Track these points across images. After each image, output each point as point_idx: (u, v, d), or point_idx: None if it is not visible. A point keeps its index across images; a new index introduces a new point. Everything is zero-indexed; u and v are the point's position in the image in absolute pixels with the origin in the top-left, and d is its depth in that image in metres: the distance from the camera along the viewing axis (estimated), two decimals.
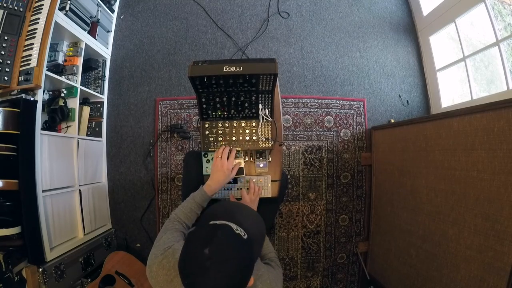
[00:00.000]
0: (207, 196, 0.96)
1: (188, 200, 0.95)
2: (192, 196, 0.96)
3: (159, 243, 0.75)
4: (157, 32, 2.00)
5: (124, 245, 1.86)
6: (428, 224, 1.29)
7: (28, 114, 1.24)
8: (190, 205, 0.93)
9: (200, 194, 0.95)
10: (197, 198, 0.94)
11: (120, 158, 1.91)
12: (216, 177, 0.97)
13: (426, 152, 1.33)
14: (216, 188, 0.97)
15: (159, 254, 0.70)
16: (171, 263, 0.68)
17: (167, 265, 0.68)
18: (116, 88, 1.95)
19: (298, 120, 1.94)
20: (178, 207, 0.94)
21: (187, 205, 0.93)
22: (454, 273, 1.14)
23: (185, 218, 0.90)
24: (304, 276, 1.91)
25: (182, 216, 0.90)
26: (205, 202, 0.96)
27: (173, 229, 0.83)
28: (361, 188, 1.95)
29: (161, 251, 0.71)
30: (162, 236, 0.78)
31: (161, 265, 0.68)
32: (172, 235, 0.78)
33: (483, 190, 1.02)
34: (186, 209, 0.92)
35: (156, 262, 0.69)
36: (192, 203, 0.93)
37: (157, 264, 0.68)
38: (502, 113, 0.95)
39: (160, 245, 0.73)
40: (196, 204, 0.93)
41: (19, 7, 1.28)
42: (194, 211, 0.93)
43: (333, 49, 2.05)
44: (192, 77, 0.88)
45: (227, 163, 0.98)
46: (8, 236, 1.16)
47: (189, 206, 0.93)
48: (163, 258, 0.69)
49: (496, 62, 1.64)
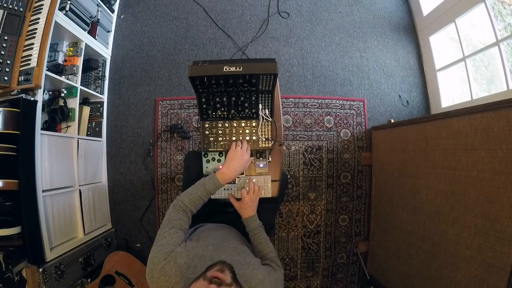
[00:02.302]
0: (219, 184, 0.91)
1: (197, 187, 0.91)
2: (202, 183, 0.91)
3: (161, 243, 0.73)
4: (157, 32, 2.00)
5: (124, 245, 1.86)
6: (428, 224, 1.29)
7: (28, 114, 1.24)
8: (200, 193, 0.89)
9: (213, 182, 0.91)
10: (208, 186, 0.90)
11: (120, 158, 1.91)
12: (233, 165, 0.94)
13: (426, 152, 1.33)
14: (230, 177, 0.93)
15: (162, 259, 0.69)
16: (172, 270, 0.67)
17: (168, 271, 0.67)
18: (116, 88, 1.95)
19: (298, 120, 1.94)
20: (185, 193, 0.90)
21: (196, 193, 0.89)
22: (454, 273, 1.14)
23: (191, 205, 0.87)
24: (304, 276, 1.91)
25: (189, 203, 0.87)
26: (216, 191, 0.92)
27: (177, 226, 0.80)
28: (361, 188, 1.95)
29: (163, 256, 0.70)
30: (165, 234, 0.76)
31: (163, 271, 0.67)
32: (175, 235, 0.77)
33: (483, 190, 1.02)
34: (195, 196, 0.89)
35: (158, 268, 0.68)
36: (202, 191, 0.89)
37: (159, 270, 0.68)
38: (502, 113, 0.95)
39: (162, 247, 0.72)
40: (206, 192, 0.90)
41: (19, 7, 1.28)
42: (203, 199, 0.90)
43: (333, 49, 2.05)
44: (192, 77, 0.88)
45: (246, 153, 0.97)
46: (8, 236, 1.16)
47: (198, 194, 0.89)
48: (165, 264, 0.68)
49: (496, 62, 1.64)
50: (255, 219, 1.02)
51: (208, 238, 0.83)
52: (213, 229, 0.98)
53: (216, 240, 0.83)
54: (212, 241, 0.81)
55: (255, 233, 0.99)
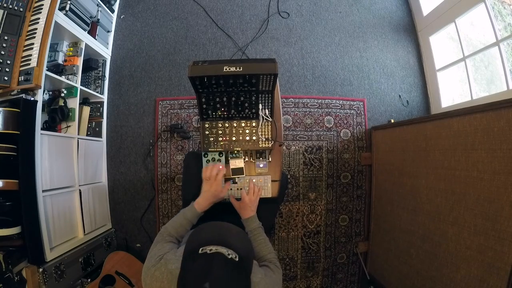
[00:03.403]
0: (197, 213, 0.96)
1: (178, 216, 0.96)
2: (182, 212, 0.97)
3: (151, 255, 0.77)
4: (157, 32, 2.00)
5: (124, 245, 1.86)
6: (428, 224, 1.29)
7: (28, 114, 1.24)
8: (180, 221, 0.94)
9: (191, 211, 0.96)
10: (188, 215, 0.95)
11: (120, 158, 1.90)
12: (206, 196, 0.99)
13: (426, 152, 1.33)
14: (206, 206, 0.98)
15: (151, 266, 0.72)
16: (164, 274, 0.69)
17: (160, 277, 0.69)
18: (116, 88, 1.95)
19: (298, 120, 1.94)
20: (169, 222, 0.95)
21: (178, 221, 0.94)
22: (454, 273, 1.14)
23: (175, 232, 0.92)
24: (304, 276, 1.91)
25: (173, 231, 0.92)
26: (196, 219, 0.97)
27: (163, 241, 0.85)
28: (361, 188, 1.95)
29: (152, 263, 0.73)
30: (153, 248, 0.81)
31: (154, 277, 0.70)
32: (162, 246, 0.81)
33: (483, 190, 1.02)
34: (176, 224, 0.93)
35: (149, 275, 0.71)
36: (182, 220, 0.94)
37: (150, 276, 0.70)
38: (502, 113, 0.95)
39: (152, 256, 0.76)
40: (186, 221, 0.94)
41: (19, 7, 1.28)
42: (184, 227, 0.94)
43: (333, 49, 2.05)
44: (192, 77, 0.89)
45: (215, 184, 0.99)
46: (8, 236, 1.16)
47: (179, 222, 0.94)
48: (155, 270, 0.71)
49: (496, 62, 1.64)
50: (254, 220, 1.02)
51: None
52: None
53: None
54: None
55: (255, 233, 0.99)
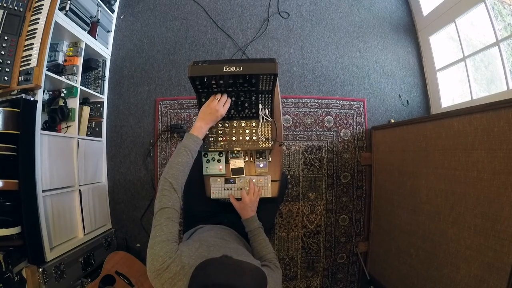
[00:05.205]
0: (199, 140, 0.92)
1: (179, 153, 0.87)
2: (183, 147, 0.88)
3: (161, 239, 0.72)
4: (157, 32, 2.00)
5: (124, 245, 1.86)
6: (428, 224, 1.29)
7: (28, 114, 1.24)
8: (185, 158, 0.87)
9: (192, 140, 0.90)
10: (190, 146, 0.88)
11: (120, 158, 1.90)
12: (207, 119, 0.94)
13: (426, 152, 1.33)
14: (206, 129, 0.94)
15: (167, 258, 0.68)
16: (178, 267, 0.68)
17: (174, 269, 0.67)
18: (116, 88, 1.95)
19: (298, 120, 1.94)
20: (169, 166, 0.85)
21: (181, 160, 0.86)
22: (454, 273, 1.14)
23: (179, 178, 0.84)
24: (304, 276, 1.91)
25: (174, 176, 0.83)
26: (198, 148, 0.92)
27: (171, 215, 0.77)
28: (361, 188, 1.95)
29: (169, 254, 0.69)
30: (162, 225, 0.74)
31: (169, 269, 0.68)
32: (171, 225, 0.76)
33: (483, 190, 1.02)
34: (182, 164, 0.85)
35: (165, 267, 0.67)
36: (185, 154, 0.87)
37: (165, 268, 0.68)
38: (502, 113, 0.95)
39: (163, 243, 0.71)
40: (191, 154, 0.88)
41: (19, 7, 1.28)
42: (189, 163, 0.88)
43: (333, 49, 2.05)
44: (192, 77, 0.88)
45: (222, 109, 0.95)
46: (8, 236, 1.16)
47: (184, 159, 0.86)
48: (171, 262, 0.68)
49: (496, 62, 1.64)
50: (255, 220, 1.02)
51: (209, 240, 0.84)
52: (214, 230, 0.99)
53: (217, 242, 0.85)
54: (213, 243, 0.82)
55: (255, 233, 0.99)
